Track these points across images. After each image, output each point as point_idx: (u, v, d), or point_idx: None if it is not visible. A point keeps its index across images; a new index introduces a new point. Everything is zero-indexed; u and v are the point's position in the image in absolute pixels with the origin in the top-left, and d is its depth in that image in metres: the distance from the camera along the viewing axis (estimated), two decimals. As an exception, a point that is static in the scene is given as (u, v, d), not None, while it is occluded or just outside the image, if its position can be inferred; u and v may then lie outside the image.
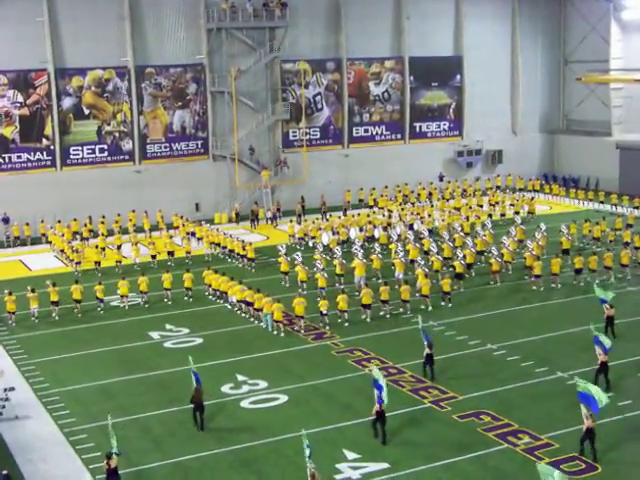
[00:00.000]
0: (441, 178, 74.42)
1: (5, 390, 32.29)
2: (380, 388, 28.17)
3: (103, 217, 59.49)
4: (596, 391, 26.94)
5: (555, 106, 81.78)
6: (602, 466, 26.04)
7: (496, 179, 74.64)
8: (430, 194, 69.57)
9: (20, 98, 61.81)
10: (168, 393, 32.96)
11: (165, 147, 66.59)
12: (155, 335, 39.94)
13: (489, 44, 76.65)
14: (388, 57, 73.64)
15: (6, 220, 60.08)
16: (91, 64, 63.36)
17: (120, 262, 51.50)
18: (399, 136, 74.98)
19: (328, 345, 37.92)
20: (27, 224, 59.76)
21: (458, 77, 76.49)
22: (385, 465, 26.63)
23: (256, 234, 60.84)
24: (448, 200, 67.31)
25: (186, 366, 31.77)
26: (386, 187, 68.60)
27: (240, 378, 34.18)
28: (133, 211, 61.65)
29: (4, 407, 31.41)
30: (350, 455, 27.36)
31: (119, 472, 25.14)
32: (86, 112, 63.91)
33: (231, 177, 67.25)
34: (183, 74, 66.45)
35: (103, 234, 56.24)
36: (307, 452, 23.84)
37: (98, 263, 51.43)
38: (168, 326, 41.19)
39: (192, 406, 29.73)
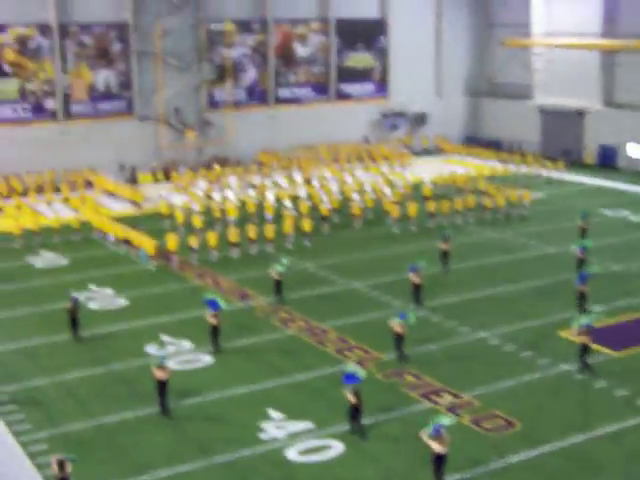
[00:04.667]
0: (366, 140, 74.79)
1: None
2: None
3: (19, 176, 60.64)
4: None
5: (479, 69, 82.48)
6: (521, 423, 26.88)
7: (423, 140, 75.96)
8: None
9: (-61, 55, 60.58)
10: (91, 354, 32.87)
11: (89, 107, 65.74)
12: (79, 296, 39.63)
13: (414, 6, 76.98)
14: (314, 18, 73.52)
15: None
16: (12, 20, 62.08)
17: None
18: (324, 98, 75.08)
19: (252, 306, 38.13)
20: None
21: (383, 39, 76.70)
22: (310, 425, 26.96)
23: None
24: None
25: (108, 328, 31.75)
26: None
27: (165, 339, 34.22)
28: (53, 169, 61.98)
29: None
30: (275, 415, 27.70)
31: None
32: (7, 70, 62.73)
33: (156, 138, 66.74)
34: (107, 33, 65.52)
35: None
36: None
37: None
38: (91, 286, 40.96)
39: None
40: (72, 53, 64.64)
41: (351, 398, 26.24)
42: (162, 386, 28.01)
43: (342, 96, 75.67)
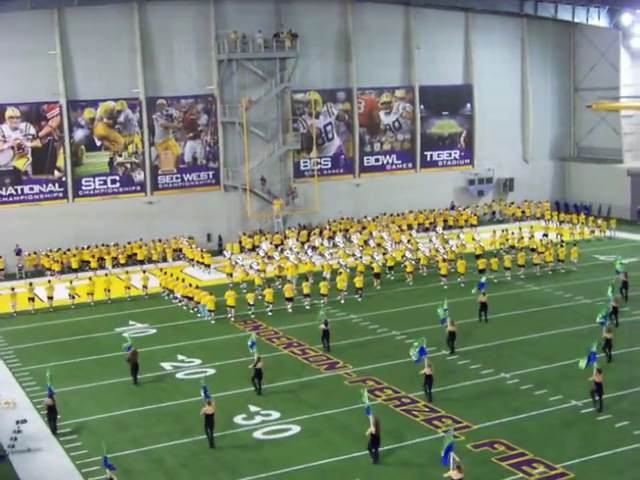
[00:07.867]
0: (452, 207, 74.44)
1: (17, 422, 32.34)
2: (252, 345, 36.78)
3: (108, 246, 62.25)
4: None
5: (566, 133, 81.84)
6: None
7: (509, 207, 75.44)
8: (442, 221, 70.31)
9: (32, 130, 62.12)
10: (180, 424, 32.86)
11: (176, 178, 66.79)
12: (167, 366, 39.84)
13: (499, 72, 76.91)
14: (398, 86, 73.89)
15: (18, 252, 60.26)
16: (103, 96, 63.67)
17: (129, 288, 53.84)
18: (410, 165, 75.11)
19: (340, 375, 37.78)
20: (35, 253, 60.72)
21: (468, 106, 76.66)
22: (399, 496, 26.43)
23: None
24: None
25: (198, 397, 31.78)
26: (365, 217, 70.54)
27: (252, 409, 34.03)
28: (141, 239, 63.21)
29: (16, 439, 31.41)
30: (364, 486, 27.19)
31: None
32: (98, 143, 64.19)
33: (243, 207, 67.37)
34: (194, 105, 66.74)
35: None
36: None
37: (108, 290, 52.80)
38: (180, 357, 41.13)
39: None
40: (160, 125, 65.96)
41: (372, 429, 28.16)
42: (210, 419, 30.49)
43: (428, 163, 75.62)
